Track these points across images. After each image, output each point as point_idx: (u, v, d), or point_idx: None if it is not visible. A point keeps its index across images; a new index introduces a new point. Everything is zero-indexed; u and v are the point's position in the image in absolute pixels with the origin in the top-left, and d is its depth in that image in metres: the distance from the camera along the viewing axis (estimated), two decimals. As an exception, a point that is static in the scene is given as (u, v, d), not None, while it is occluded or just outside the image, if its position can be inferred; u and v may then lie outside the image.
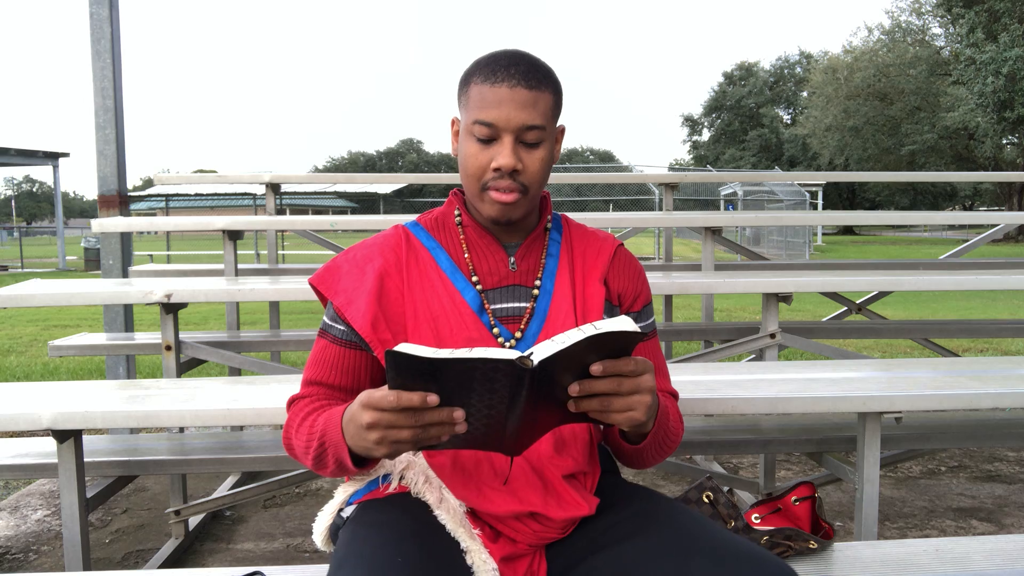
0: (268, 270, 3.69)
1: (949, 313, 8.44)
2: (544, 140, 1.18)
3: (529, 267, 1.26)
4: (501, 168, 1.15)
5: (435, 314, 1.19)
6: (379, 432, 0.95)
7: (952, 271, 3.54)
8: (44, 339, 7.18)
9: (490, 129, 1.15)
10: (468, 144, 1.18)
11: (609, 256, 1.29)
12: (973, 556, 1.46)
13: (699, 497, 1.41)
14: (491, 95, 1.14)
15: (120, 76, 3.61)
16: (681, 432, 1.28)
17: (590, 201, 23.51)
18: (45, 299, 2.46)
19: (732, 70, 51.52)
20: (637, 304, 1.31)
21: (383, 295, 1.20)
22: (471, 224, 1.25)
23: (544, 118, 1.17)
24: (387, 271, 1.22)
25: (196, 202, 26.49)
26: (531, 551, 1.16)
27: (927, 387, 1.90)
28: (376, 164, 67.97)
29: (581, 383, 0.96)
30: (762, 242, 22.16)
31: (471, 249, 1.25)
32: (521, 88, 1.14)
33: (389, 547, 1.06)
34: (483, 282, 1.23)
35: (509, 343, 1.20)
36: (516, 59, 1.16)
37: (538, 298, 1.23)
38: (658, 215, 4.28)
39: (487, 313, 1.21)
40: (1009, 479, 3.31)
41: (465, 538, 1.12)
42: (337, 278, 1.24)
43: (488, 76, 1.15)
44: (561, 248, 1.29)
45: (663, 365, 1.33)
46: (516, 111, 1.14)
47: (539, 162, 1.18)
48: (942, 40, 32.02)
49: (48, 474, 2.22)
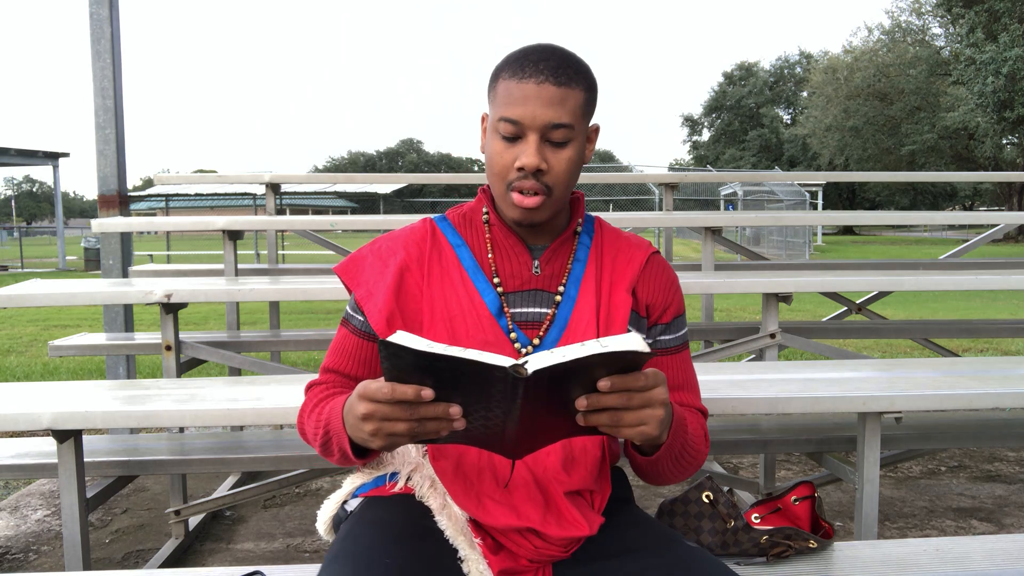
0: (268, 270, 3.69)
1: (949, 313, 8.44)
2: (572, 140, 1.13)
3: (554, 272, 1.22)
4: (525, 168, 1.11)
5: (452, 313, 1.17)
6: (374, 423, 0.93)
7: (952, 271, 3.54)
8: (44, 339, 7.18)
9: (515, 127, 1.11)
10: (494, 142, 1.14)
11: (640, 264, 1.23)
12: (973, 556, 1.46)
13: (699, 497, 1.41)
14: (518, 91, 1.11)
15: (120, 76, 3.61)
16: (705, 450, 1.21)
17: (590, 201, 23.46)
18: (45, 299, 2.46)
19: (732, 70, 51.52)
20: (667, 316, 1.25)
21: (402, 290, 1.18)
22: (498, 223, 1.21)
23: (572, 116, 1.12)
24: (408, 266, 1.20)
25: (196, 202, 26.49)
26: (532, 567, 1.13)
27: (927, 387, 1.90)
28: (376, 164, 67.97)
29: (589, 397, 0.92)
30: (762, 242, 22.16)
31: (495, 249, 1.21)
32: (549, 84, 1.10)
33: (379, 548, 1.06)
34: (504, 284, 1.20)
35: (527, 349, 1.17)
36: (546, 54, 1.12)
37: (560, 305, 1.19)
38: (658, 215, 4.28)
39: (506, 316, 1.18)
40: (1009, 479, 3.31)
41: (464, 546, 1.10)
42: (361, 268, 1.22)
43: (516, 71, 1.12)
44: (590, 253, 1.24)
45: (693, 380, 1.28)
46: (542, 108, 1.10)
47: (566, 162, 1.13)
48: (942, 40, 32.05)
49: (48, 474, 2.22)
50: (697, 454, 1.19)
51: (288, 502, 3.06)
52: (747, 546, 1.39)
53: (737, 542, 1.39)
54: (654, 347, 1.24)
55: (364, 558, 1.04)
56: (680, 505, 1.41)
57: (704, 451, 1.21)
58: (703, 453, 1.21)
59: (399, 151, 68.32)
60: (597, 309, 1.19)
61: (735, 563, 1.37)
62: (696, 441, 1.18)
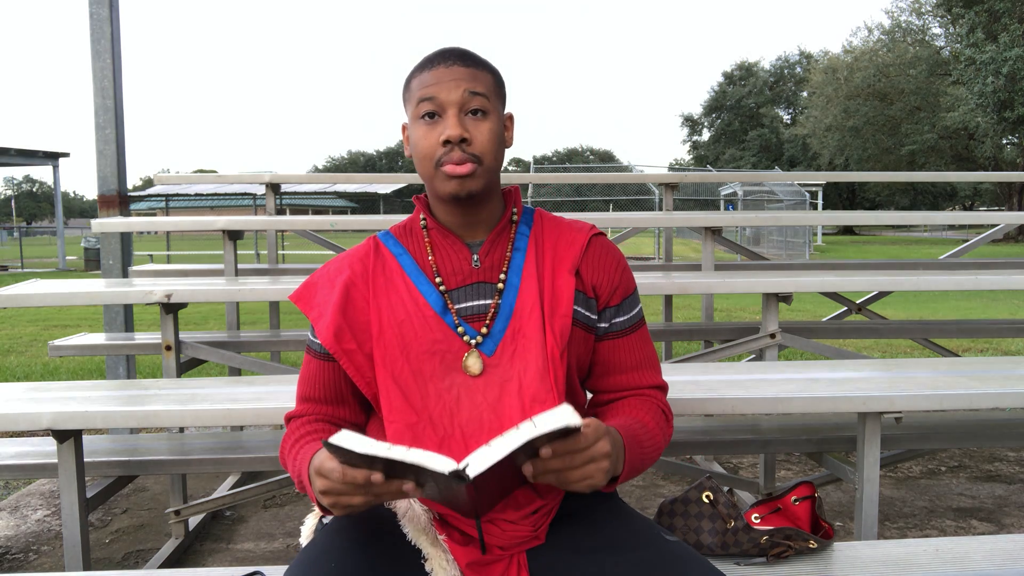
0: (268, 270, 3.69)
1: (949, 313, 8.44)
2: (489, 112, 1.19)
3: (494, 263, 1.24)
4: (450, 139, 1.15)
5: (400, 319, 1.20)
6: (331, 498, 0.99)
7: (952, 271, 3.53)
8: (44, 339, 7.18)
9: (432, 103, 1.17)
10: (416, 130, 1.19)
11: (582, 246, 1.25)
12: (973, 556, 1.46)
13: (699, 497, 1.41)
14: (430, 78, 1.18)
15: (120, 76, 3.61)
16: (661, 439, 1.22)
17: (590, 201, 23.47)
18: (45, 299, 2.46)
19: (732, 70, 51.51)
20: (615, 298, 1.26)
21: (348, 306, 1.21)
22: (435, 226, 1.25)
23: (486, 88, 1.19)
24: (353, 282, 1.23)
25: (196, 202, 26.49)
26: (505, 555, 1.14)
27: (927, 387, 1.90)
28: (376, 164, 68.05)
29: (534, 464, 0.95)
30: (762, 242, 22.17)
31: (435, 251, 1.25)
32: (458, 66, 1.18)
33: (330, 554, 1.10)
34: (446, 282, 1.23)
35: (476, 340, 1.19)
36: (450, 48, 1.22)
37: (503, 293, 1.21)
38: (658, 215, 4.29)
39: (451, 313, 1.20)
40: (1009, 479, 3.31)
41: (426, 545, 1.13)
42: (312, 294, 1.27)
43: (425, 66, 1.20)
44: (529, 241, 1.26)
45: (652, 356, 1.30)
46: (456, 82, 1.16)
47: (488, 132, 1.18)
48: (942, 40, 32.06)
49: (48, 474, 2.22)
50: (656, 452, 1.21)
51: (288, 502, 3.06)
52: (747, 546, 1.39)
53: (737, 542, 1.39)
54: (609, 330, 1.26)
55: (315, 564, 1.08)
56: (680, 505, 1.42)
57: (662, 443, 1.23)
58: (662, 446, 1.23)
59: (399, 151, 68.30)
60: (541, 294, 1.21)
61: (735, 563, 1.38)
62: (652, 445, 1.20)
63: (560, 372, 1.18)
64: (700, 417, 2.57)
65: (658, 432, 1.22)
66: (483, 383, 1.18)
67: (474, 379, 1.18)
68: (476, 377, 1.18)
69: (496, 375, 1.18)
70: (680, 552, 1.12)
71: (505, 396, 1.17)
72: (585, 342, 1.24)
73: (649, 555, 1.11)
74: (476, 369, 1.18)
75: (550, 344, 1.18)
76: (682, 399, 1.78)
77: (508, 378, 1.17)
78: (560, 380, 1.18)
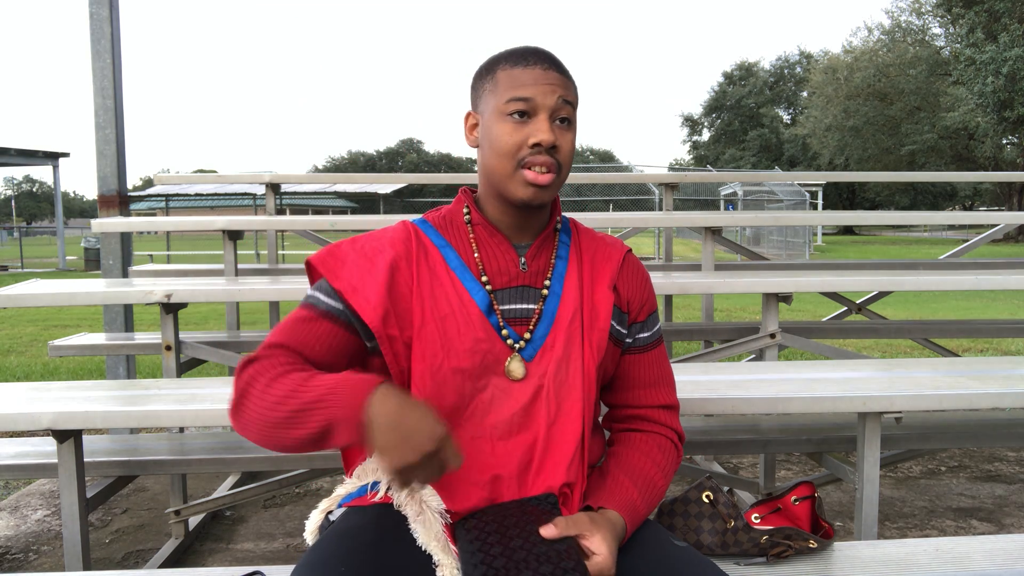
0: (268, 270, 3.69)
1: (949, 313, 8.44)
2: (573, 123, 1.20)
3: (539, 268, 1.23)
4: (542, 143, 1.14)
5: (443, 313, 1.17)
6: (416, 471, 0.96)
7: (952, 271, 3.53)
8: (44, 339, 7.18)
9: (526, 103, 1.14)
10: (500, 125, 1.15)
11: (619, 262, 1.27)
12: (973, 556, 1.46)
13: (699, 497, 1.41)
14: (525, 75, 1.15)
15: (120, 76, 3.61)
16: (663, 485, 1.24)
17: (590, 201, 23.46)
18: (45, 299, 2.46)
19: (732, 70, 51.50)
20: (642, 314, 1.29)
21: (393, 288, 1.16)
22: (481, 222, 1.22)
23: (574, 99, 1.19)
24: (397, 263, 1.17)
25: (196, 202, 26.48)
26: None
27: (927, 387, 1.90)
28: (376, 164, 67.93)
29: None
30: (762, 242, 22.16)
31: (481, 248, 1.22)
32: (553, 71, 1.17)
33: (339, 557, 1.05)
34: (493, 282, 1.20)
35: (519, 344, 1.18)
36: (542, 50, 1.20)
37: (547, 299, 1.21)
38: (658, 215, 4.28)
39: (496, 314, 1.19)
40: (1009, 479, 3.31)
41: (437, 551, 1.09)
42: (341, 264, 1.18)
43: (518, 61, 1.17)
44: (570, 250, 1.27)
45: (668, 374, 1.32)
46: (551, 87, 1.15)
47: (571, 143, 1.19)
48: (942, 40, 32.04)
49: (48, 474, 2.22)
50: (659, 498, 1.24)
51: (288, 502, 3.06)
52: (747, 546, 1.39)
53: (737, 542, 1.39)
54: (632, 345, 1.29)
55: (321, 568, 1.03)
56: (680, 505, 1.41)
57: (665, 486, 1.25)
58: (666, 487, 1.26)
59: (399, 151, 68.29)
60: (581, 304, 1.23)
61: (735, 563, 1.37)
62: (657, 498, 1.23)
63: (593, 385, 1.20)
64: (700, 417, 2.57)
65: (662, 482, 1.25)
66: (520, 388, 1.17)
67: (512, 383, 1.17)
68: (515, 382, 1.17)
69: (533, 381, 1.18)
70: (690, 558, 1.12)
71: (537, 402, 1.18)
72: (613, 355, 1.26)
73: (656, 559, 1.11)
74: (519, 374, 1.18)
75: (587, 356, 1.20)
76: (682, 399, 1.76)
77: (543, 385, 1.18)
78: (592, 393, 1.20)
